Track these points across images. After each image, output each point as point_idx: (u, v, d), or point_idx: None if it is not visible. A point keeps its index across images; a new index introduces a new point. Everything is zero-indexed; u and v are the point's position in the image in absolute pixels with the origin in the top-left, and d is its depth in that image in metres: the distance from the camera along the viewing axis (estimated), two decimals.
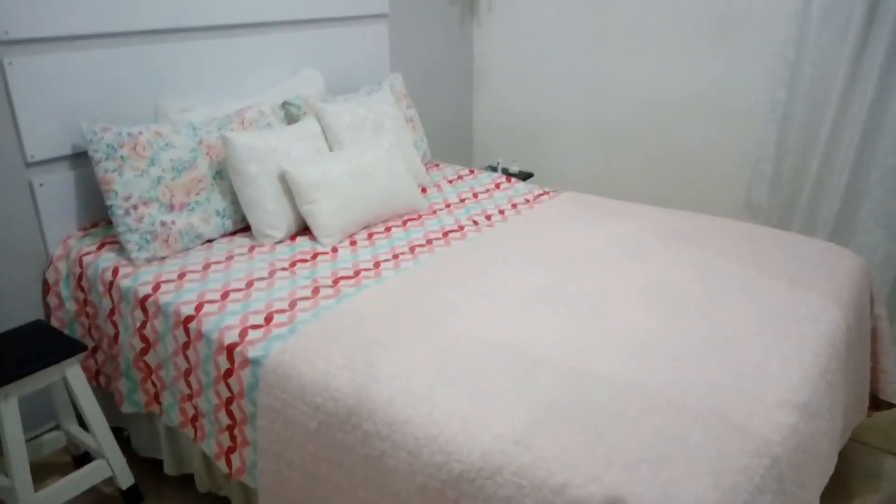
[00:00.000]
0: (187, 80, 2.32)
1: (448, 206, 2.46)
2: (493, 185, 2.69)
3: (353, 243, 2.14)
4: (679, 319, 1.63)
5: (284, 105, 2.43)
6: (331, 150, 2.36)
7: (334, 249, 2.09)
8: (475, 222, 2.30)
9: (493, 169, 3.30)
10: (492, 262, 1.95)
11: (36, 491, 1.79)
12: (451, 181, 2.75)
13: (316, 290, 1.83)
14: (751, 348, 1.50)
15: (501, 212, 2.40)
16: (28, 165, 1.98)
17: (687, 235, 2.13)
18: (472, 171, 2.88)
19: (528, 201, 2.50)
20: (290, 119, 2.42)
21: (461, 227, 2.25)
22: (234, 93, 2.46)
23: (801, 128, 2.68)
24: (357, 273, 1.93)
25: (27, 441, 2.05)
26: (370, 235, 2.19)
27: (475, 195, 2.58)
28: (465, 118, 3.71)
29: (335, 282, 1.88)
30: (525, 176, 3.40)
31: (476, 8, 3.53)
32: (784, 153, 2.75)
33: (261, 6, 2.49)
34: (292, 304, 1.76)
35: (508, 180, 2.74)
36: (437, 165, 2.98)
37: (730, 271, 1.87)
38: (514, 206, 2.46)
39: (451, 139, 3.64)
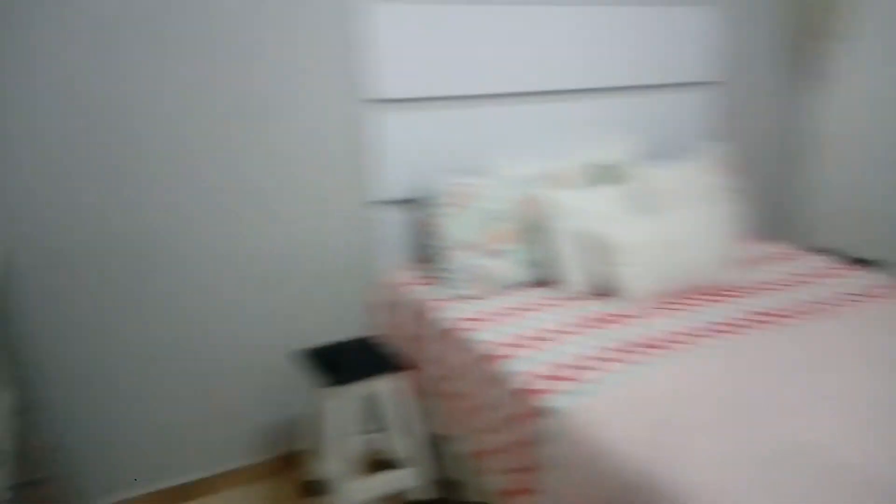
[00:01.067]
0: (512, 139, 2.52)
1: (765, 287, 2.25)
2: (824, 270, 2.38)
3: (659, 310, 2.07)
4: None
5: (597, 167, 2.48)
6: (641, 214, 2.33)
7: (640, 314, 2.04)
8: (799, 310, 2.05)
9: (827, 251, 2.93)
10: (820, 360, 1.72)
11: (352, 482, 2.03)
12: (773, 260, 2.52)
13: (623, 353, 1.79)
14: None
15: (833, 303, 2.10)
16: (375, 203, 2.33)
17: None
18: (798, 251, 2.60)
19: (869, 295, 2.16)
20: (602, 181, 2.46)
21: (782, 314, 2.03)
22: (552, 152, 2.59)
23: None
24: (668, 342, 1.84)
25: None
26: (677, 305, 2.10)
27: (800, 279, 2.31)
28: (796, 192, 3.37)
29: (643, 347, 1.82)
30: (869, 263, 2.95)
31: (816, 75, 3.22)
32: None
33: (583, 74, 2.60)
34: (597, 363, 1.74)
35: (846, 267, 2.41)
36: (757, 241, 2.75)
37: None
38: (850, 297, 2.14)
39: (777, 214, 3.34)
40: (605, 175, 2.47)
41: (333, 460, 2.00)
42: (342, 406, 1.96)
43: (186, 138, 2.00)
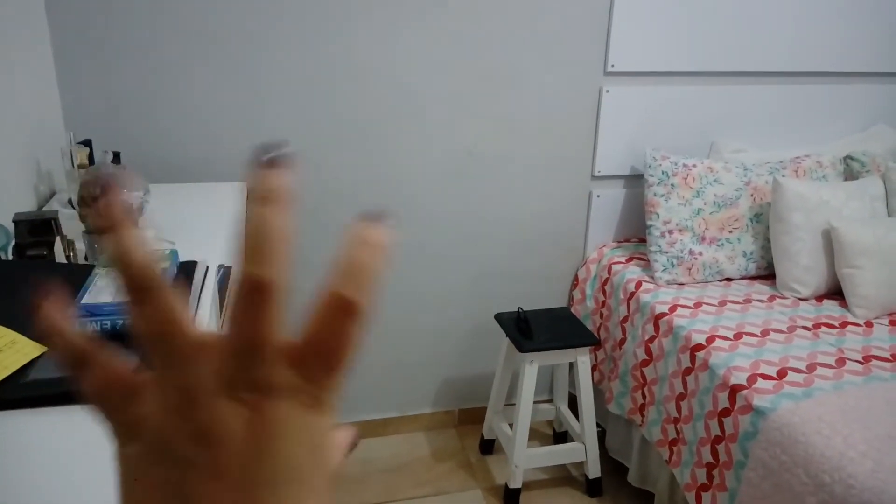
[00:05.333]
0: (744, 122, 2.35)
1: None
2: None
3: (893, 323, 1.86)
4: None
5: (846, 159, 2.25)
6: (890, 216, 2.09)
7: (868, 324, 1.86)
8: None
9: None
10: None
11: (525, 447, 2.10)
12: None
13: (840, 362, 1.66)
14: None
15: None
16: (593, 178, 2.32)
17: None
18: None
19: None
20: (851, 175, 2.23)
21: None
22: (791, 140, 2.39)
23: None
24: (891, 358, 1.68)
25: None
26: None
27: None
28: None
29: (866, 359, 1.67)
30: None
31: None
32: None
33: (832, 56, 2.35)
34: (810, 368, 1.63)
35: None
36: None
37: None
38: None
39: None
40: (855, 169, 2.23)
41: (512, 423, 2.07)
42: (531, 371, 2.02)
43: (427, 101, 2.12)
